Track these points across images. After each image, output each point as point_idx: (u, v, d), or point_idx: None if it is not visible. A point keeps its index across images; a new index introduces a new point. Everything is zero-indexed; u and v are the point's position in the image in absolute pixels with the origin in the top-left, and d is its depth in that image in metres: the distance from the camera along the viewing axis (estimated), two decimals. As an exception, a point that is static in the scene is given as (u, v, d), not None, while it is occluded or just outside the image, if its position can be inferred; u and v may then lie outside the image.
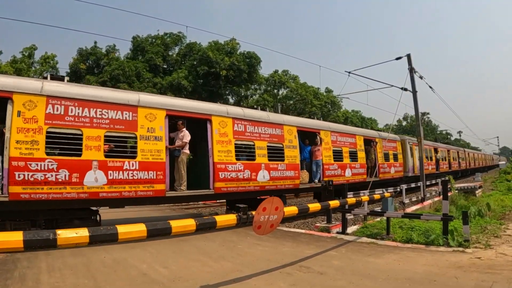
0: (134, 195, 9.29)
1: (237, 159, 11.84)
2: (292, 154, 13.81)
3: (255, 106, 18.77)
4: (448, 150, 35.76)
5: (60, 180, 8.18)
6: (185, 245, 8.25)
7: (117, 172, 9.03)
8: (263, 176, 12.46)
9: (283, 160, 13.32)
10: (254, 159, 12.36)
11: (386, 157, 21.33)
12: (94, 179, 8.65)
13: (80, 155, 8.56)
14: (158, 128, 9.92)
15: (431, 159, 28.89)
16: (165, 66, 38.67)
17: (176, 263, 6.84)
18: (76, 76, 34.61)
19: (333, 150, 16.20)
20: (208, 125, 11.30)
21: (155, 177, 9.65)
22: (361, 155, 18.51)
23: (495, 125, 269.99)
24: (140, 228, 4.43)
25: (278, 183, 13.04)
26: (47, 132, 8.16)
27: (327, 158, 15.66)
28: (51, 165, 8.08)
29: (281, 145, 13.46)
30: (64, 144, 8.45)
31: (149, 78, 34.59)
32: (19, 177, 7.71)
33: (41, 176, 7.94)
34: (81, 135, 8.64)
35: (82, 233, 3.91)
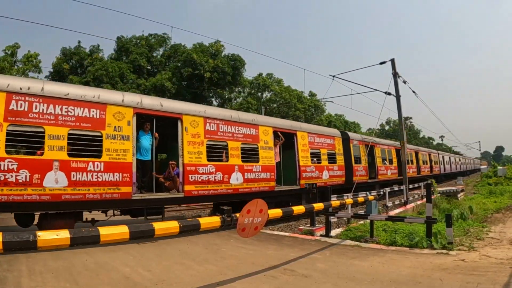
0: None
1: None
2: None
3: None
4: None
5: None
6: (169, 248, 8.13)
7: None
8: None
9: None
10: None
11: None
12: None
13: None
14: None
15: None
16: (149, 68, 38.37)
17: (159, 266, 6.71)
18: (59, 76, 34.06)
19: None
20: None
21: None
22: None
23: (477, 130, 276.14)
24: (122, 230, 4.32)
25: None
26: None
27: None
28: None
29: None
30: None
31: (133, 79, 34.25)
32: None
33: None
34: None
35: (63, 235, 3.78)
